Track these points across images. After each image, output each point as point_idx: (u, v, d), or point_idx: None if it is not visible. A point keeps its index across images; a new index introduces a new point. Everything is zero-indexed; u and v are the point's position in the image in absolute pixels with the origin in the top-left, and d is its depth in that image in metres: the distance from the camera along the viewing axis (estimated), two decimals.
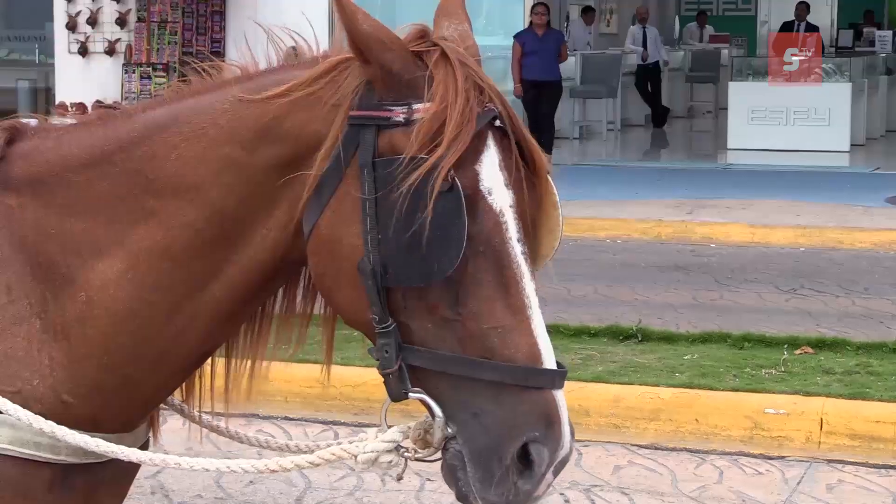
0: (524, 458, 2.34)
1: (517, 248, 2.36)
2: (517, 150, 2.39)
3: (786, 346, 8.21)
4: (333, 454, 2.54)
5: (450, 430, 2.37)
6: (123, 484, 2.75)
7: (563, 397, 2.38)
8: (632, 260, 11.95)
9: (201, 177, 2.48)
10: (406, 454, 2.46)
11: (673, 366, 7.79)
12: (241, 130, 2.47)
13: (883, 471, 6.68)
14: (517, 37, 17.41)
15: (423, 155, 2.30)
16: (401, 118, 2.36)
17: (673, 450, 6.95)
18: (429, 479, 6.26)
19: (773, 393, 7.26)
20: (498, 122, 2.38)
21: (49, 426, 2.47)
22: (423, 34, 2.43)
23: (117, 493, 2.75)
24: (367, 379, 6.80)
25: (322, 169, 2.40)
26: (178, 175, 2.49)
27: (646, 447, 6.98)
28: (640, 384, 7.41)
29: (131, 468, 2.73)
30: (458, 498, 2.40)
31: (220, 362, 2.73)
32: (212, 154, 2.48)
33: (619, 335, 8.43)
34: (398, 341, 2.38)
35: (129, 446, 2.60)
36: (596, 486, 6.30)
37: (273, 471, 2.60)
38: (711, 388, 7.35)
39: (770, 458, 6.84)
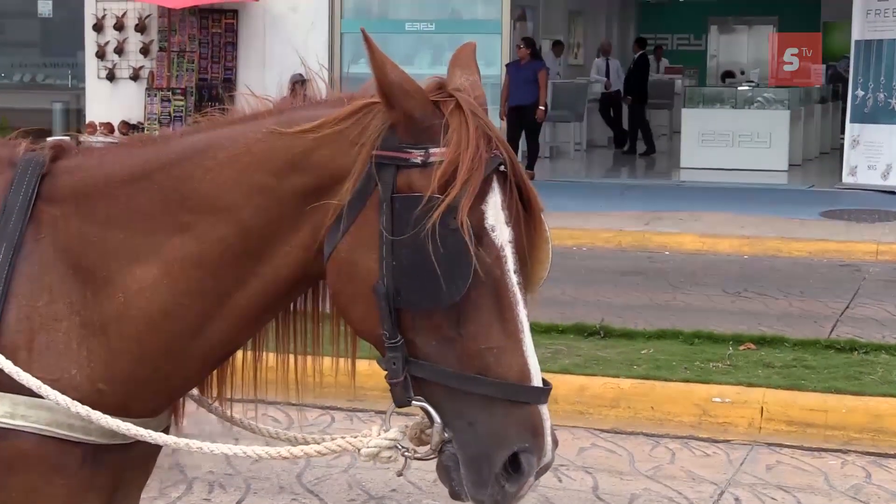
0: (513, 464, 2.32)
1: (513, 279, 2.35)
2: (517, 192, 2.38)
3: (731, 342, 8.22)
4: (339, 446, 2.52)
5: (446, 435, 2.35)
6: (149, 461, 2.73)
7: (548, 411, 2.36)
8: (596, 265, 11.94)
9: (234, 198, 2.45)
10: (406, 454, 2.44)
11: (631, 359, 7.78)
12: (273, 159, 2.44)
13: (815, 453, 6.68)
14: (506, 66, 17.30)
15: (438, 195, 2.28)
16: (418, 160, 2.34)
17: (631, 433, 6.95)
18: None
19: (720, 384, 7.26)
20: (502, 167, 2.36)
21: (85, 410, 2.44)
22: (440, 85, 2.42)
23: (143, 471, 2.74)
24: (359, 370, 6.74)
25: (345, 199, 2.38)
26: (213, 195, 2.46)
27: (607, 431, 6.98)
28: (603, 375, 7.41)
29: (155, 448, 2.70)
30: (452, 496, 2.38)
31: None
32: (245, 179, 2.45)
33: (584, 332, 8.41)
34: (405, 355, 2.35)
35: (153, 430, 2.58)
36: (563, 465, 6.28)
37: (284, 457, 2.57)
38: (665, 380, 7.35)
39: (716, 441, 6.84)
